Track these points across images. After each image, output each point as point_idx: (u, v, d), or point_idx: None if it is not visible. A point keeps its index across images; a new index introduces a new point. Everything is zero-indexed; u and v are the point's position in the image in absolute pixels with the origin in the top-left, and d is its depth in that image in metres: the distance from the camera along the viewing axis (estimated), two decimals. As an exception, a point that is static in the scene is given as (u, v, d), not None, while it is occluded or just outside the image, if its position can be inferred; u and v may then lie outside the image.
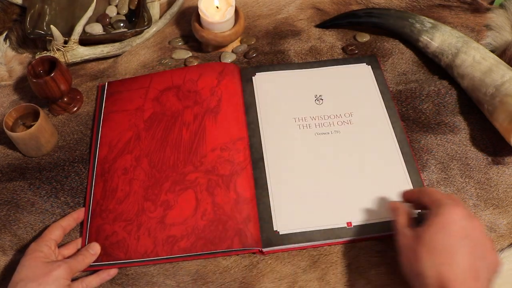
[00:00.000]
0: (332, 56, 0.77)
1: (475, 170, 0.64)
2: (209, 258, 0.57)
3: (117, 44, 0.76)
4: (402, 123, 0.68)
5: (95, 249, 0.57)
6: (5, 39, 0.79)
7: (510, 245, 0.59)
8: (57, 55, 0.72)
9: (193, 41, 0.79)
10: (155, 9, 0.81)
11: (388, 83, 0.72)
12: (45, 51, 0.73)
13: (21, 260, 0.53)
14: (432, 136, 0.67)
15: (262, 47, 0.78)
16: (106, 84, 0.74)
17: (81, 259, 0.55)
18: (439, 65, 0.73)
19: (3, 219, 0.61)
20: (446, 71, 0.72)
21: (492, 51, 0.73)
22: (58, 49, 0.72)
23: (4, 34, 0.80)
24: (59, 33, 0.70)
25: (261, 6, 0.83)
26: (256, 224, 0.58)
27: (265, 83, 0.72)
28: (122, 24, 0.81)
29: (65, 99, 0.70)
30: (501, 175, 0.64)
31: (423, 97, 0.70)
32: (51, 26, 0.70)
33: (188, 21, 0.81)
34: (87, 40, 0.76)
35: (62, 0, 0.80)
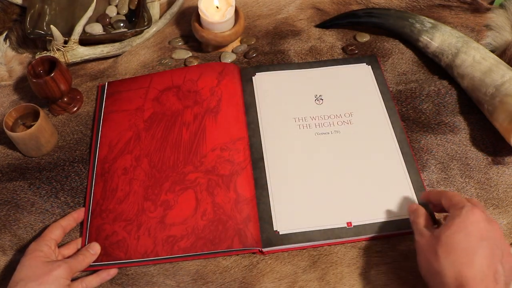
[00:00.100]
0: (332, 56, 0.77)
1: (475, 170, 0.64)
2: (209, 258, 0.57)
3: (117, 44, 0.76)
4: (402, 123, 0.68)
5: (95, 249, 0.57)
6: (5, 39, 0.79)
7: (510, 245, 0.59)
8: (57, 55, 0.72)
9: (193, 41, 0.79)
10: (155, 9, 0.81)
11: (388, 83, 0.72)
12: (45, 51, 0.73)
13: (21, 260, 0.53)
14: (432, 136, 0.67)
15: (262, 47, 0.78)
16: (106, 84, 0.74)
17: (81, 259, 0.55)
18: (439, 65, 0.73)
19: (3, 219, 0.61)
20: (446, 71, 0.72)
21: (492, 51, 0.73)
22: (58, 49, 0.72)
23: (4, 34, 0.80)
24: (59, 33, 0.70)
25: (261, 6, 0.83)
26: (256, 224, 0.58)
27: (265, 83, 0.72)
28: (122, 24, 0.81)
29: (65, 99, 0.70)
30: (501, 175, 0.64)
31: (423, 97, 0.70)
32: (51, 26, 0.70)
33: (188, 21, 0.81)
34: (87, 40, 0.76)
35: (62, 0, 0.80)
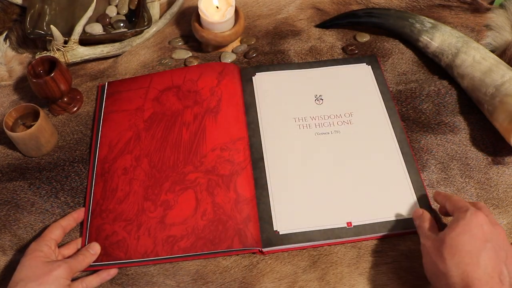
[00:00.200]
0: (332, 56, 0.77)
1: (475, 170, 0.64)
2: (209, 258, 0.57)
3: (117, 44, 0.76)
4: (402, 123, 0.68)
5: (95, 249, 0.57)
6: (5, 39, 0.79)
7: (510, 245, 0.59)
8: (57, 55, 0.72)
9: (193, 41, 0.79)
10: (155, 9, 0.81)
11: (388, 83, 0.72)
12: (45, 51, 0.73)
13: (21, 260, 0.53)
14: (432, 136, 0.67)
15: (262, 47, 0.78)
16: (106, 84, 0.74)
17: (81, 259, 0.55)
18: (439, 65, 0.73)
19: (3, 219, 0.61)
20: (446, 71, 0.72)
21: (492, 51, 0.73)
22: (58, 49, 0.72)
23: (4, 34, 0.80)
24: (59, 33, 0.70)
25: (261, 6, 0.83)
26: (256, 224, 0.58)
27: (265, 83, 0.72)
28: (122, 24, 0.81)
29: (65, 99, 0.70)
30: (501, 175, 0.64)
31: (423, 97, 0.70)
32: (51, 26, 0.70)
33: (188, 21, 0.81)
34: (87, 40, 0.76)
35: (62, 0, 0.81)
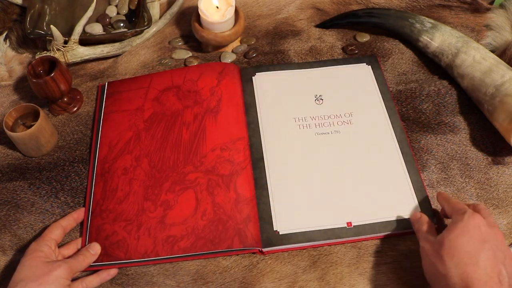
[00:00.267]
0: (332, 56, 0.77)
1: (475, 170, 0.64)
2: (209, 258, 0.57)
3: (117, 44, 0.76)
4: (402, 123, 0.68)
5: (95, 249, 0.57)
6: (5, 39, 0.79)
7: (510, 245, 0.59)
8: (57, 55, 0.72)
9: (193, 41, 0.79)
10: (155, 9, 0.81)
11: (388, 83, 0.72)
12: (45, 51, 0.73)
13: (21, 260, 0.53)
14: (432, 136, 0.67)
15: (262, 47, 0.78)
16: (106, 84, 0.73)
17: (81, 259, 0.55)
18: (439, 65, 0.73)
19: (3, 219, 0.61)
20: (446, 71, 0.72)
21: (492, 51, 0.73)
22: (58, 49, 0.72)
23: (4, 34, 0.80)
24: (59, 33, 0.70)
25: (261, 6, 0.83)
26: (256, 224, 0.58)
27: (265, 83, 0.72)
28: (122, 24, 0.81)
29: (65, 99, 0.70)
30: (501, 175, 0.64)
31: (423, 97, 0.70)
32: (51, 26, 0.70)
33: (188, 21, 0.81)
34: (87, 40, 0.76)
35: (62, 0, 0.80)
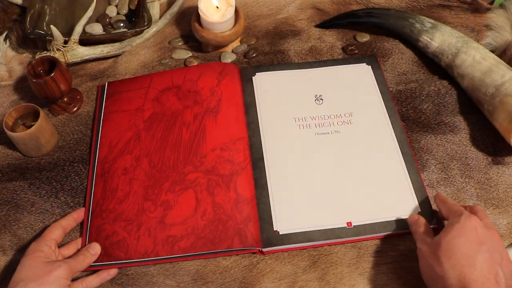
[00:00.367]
0: (332, 56, 0.77)
1: (475, 170, 0.64)
2: (209, 258, 0.57)
3: (117, 44, 0.76)
4: (402, 123, 0.68)
5: (95, 249, 0.57)
6: (5, 39, 0.79)
7: (510, 245, 0.59)
8: (57, 55, 0.72)
9: (193, 41, 0.79)
10: (155, 9, 0.81)
11: (388, 83, 0.72)
12: (45, 51, 0.73)
13: (21, 260, 0.53)
14: (432, 136, 0.67)
15: (262, 47, 0.78)
16: (106, 84, 0.73)
17: (81, 259, 0.55)
18: (439, 65, 0.73)
19: (3, 219, 0.61)
20: (446, 71, 0.72)
21: (492, 51, 0.73)
22: (58, 49, 0.72)
23: (4, 34, 0.80)
24: (59, 33, 0.70)
25: (261, 6, 0.83)
26: (256, 224, 0.58)
27: (265, 83, 0.72)
28: (122, 24, 0.81)
29: (65, 99, 0.70)
30: (501, 175, 0.64)
31: (423, 97, 0.70)
32: (51, 26, 0.70)
33: (188, 21, 0.81)
34: (87, 40, 0.76)
35: (62, 0, 0.81)
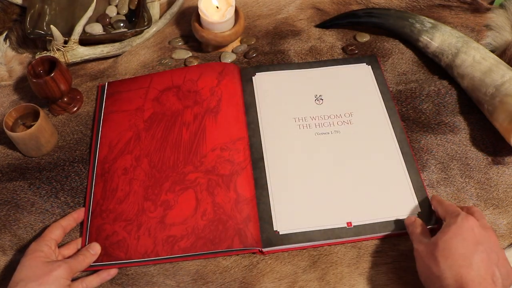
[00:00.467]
0: (332, 56, 0.77)
1: (475, 170, 0.64)
2: (209, 258, 0.57)
3: (117, 44, 0.76)
4: (402, 123, 0.68)
5: (96, 249, 0.57)
6: (5, 39, 0.79)
7: (510, 245, 0.59)
8: (57, 55, 0.72)
9: (193, 41, 0.79)
10: (155, 9, 0.81)
11: (388, 83, 0.72)
12: (45, 51, 0.73)
13: (21, 260, 0.53)
14: (432, 136, 0.67)
15: (262, 47, 0.78)
16: (106, 84, 0.73)
17: (81, 259, 0.55)
18: (439, 65, 0.73)
19: (3, 219, 0.61)
20: (446, 71, 0.72)
21: (492, 51, 0.73)
22: (58, 49, 0.72)
23: (4, 34, 0.80)
24: (59, 33, 0.70)
25: (261, 6, 0.83)
26: (256, 224, 0.58)
27: (265, 83, 0.72)
28: (122, 24, 0.81)
29: (65, 99, 0.70)
30: (501, 175, 0.64)
31: (423, 97, 0.70)
32: (51, 26, 0.70)
33: (188, 21, 0.81)
34: (87, 40, 0.76)
35: (62, 0, 0.81)
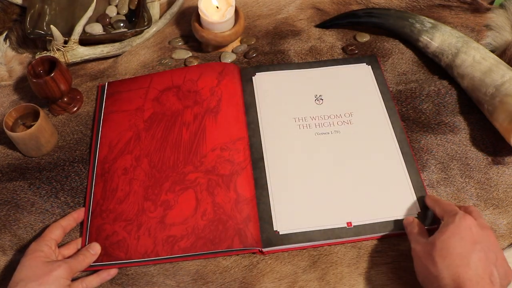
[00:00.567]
0: (332, 56, 0.77)
1: (475, 170, 0.64)
2: (209, 258, 0.57)
3: (117, 44, 0.76)
4: (402, 123, 0.68)
5: (96, 249, 0.57)
6: (5, 39, 0.79)
7: (510, 245, 0.59)
8: (57, 55, 0.72)
9: (193, 41, 0.79)
10: (155, 9, 0.81)
11: (388, 83, 0.72)
12: (45, 51, 0.73)
13: (21, 260, 0.53)
14: (432, 136, 0.67)
15: (262, 47, 0.78)
16: (106, 84, 0.73)
17: (81, 259, 0.55)
18: (439, 65, 0.73)
19: (3, 219, 0.61)
20: (446, 71, 0.72)
21: (492, 51, 0.73)
22: (58, 49, 0.72)
23: (4, 34, 0.80)
24: (59, 33, 0.70)
25: (261, 6, 0.83)
26: (256, 224, 0.58)
27: (265, 83, 0.72)
28: (122, 24, 0.81)
29: (65, 99, 0.70)
30: (501, 175, 0.64)
31: (423, 97, 0.70)
32: (51, 26, 0.70)
33: (188, 21, 0.81)
34: (87, 40, 0.76)
35: (62, 0, 0.81)
